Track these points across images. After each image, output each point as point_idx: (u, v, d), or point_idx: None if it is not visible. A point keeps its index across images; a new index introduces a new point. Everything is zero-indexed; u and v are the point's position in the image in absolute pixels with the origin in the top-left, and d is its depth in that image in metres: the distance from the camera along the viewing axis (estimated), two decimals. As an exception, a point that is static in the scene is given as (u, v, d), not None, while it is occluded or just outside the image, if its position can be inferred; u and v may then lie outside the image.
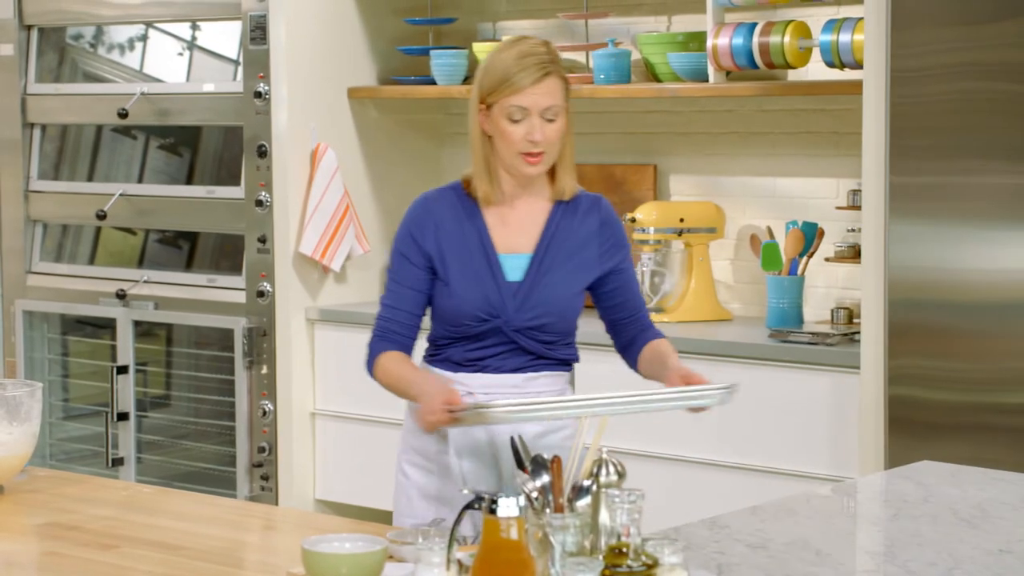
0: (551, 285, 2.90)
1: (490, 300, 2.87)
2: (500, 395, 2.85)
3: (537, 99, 2.80)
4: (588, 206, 2.95)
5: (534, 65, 2.81)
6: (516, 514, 1.93)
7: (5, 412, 2.82)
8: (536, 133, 2.81)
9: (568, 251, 2.92)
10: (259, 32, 4.78)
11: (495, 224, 2.91)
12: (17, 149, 5.40)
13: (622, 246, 2.97)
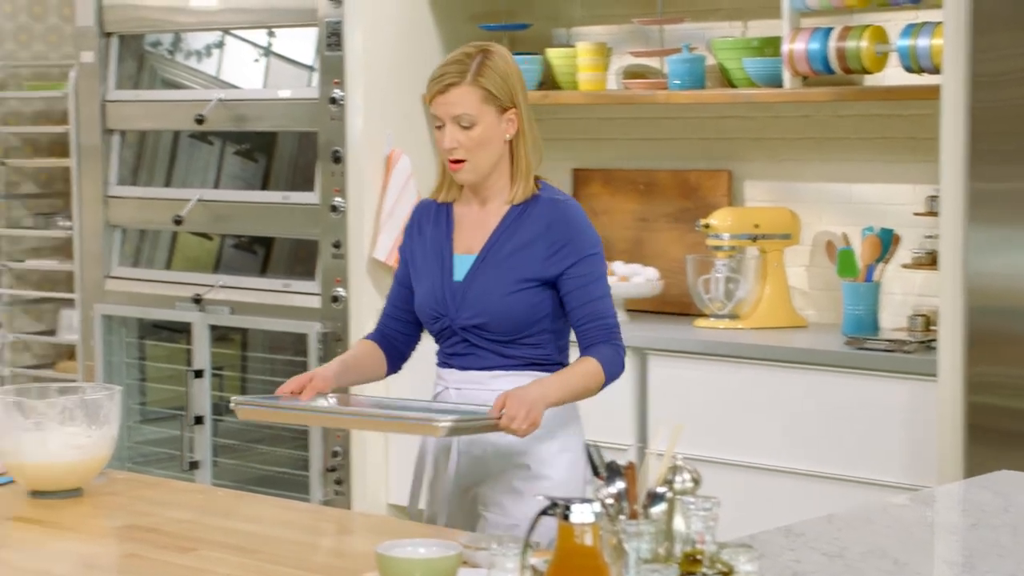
0: (485, 285, 2.95)
1: (437, 299, 2.99)
2: (469, 391, 2.97)
3: (446, 108, 2.92)
4: (544, 208, 2.97)
5: (437, 78, 2.94)
6: (591, 520, 1.93)
7: (84, 415, 2.86)
8: (446, 140, 2.92)
9: (508, 251, 2.95)
10: (335, 38, 4.82)
11: (460, 226, 3.03)
12: (97, 155, 5.47)
13: (574, 252, 2.93)
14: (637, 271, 4.73)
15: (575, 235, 2.95)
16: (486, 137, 2.93)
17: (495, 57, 2.95)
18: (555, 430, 2.99)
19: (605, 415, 4.40)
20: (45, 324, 6.18)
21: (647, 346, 4.36)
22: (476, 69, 2.92)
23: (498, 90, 2.92)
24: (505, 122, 2.95)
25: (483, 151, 2.93)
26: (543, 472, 2.97)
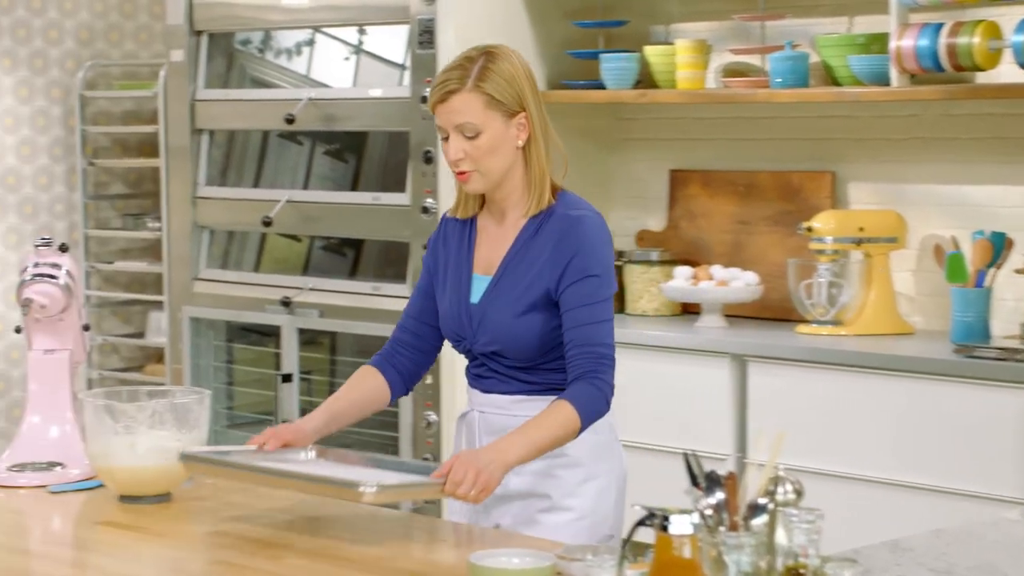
0: (499, 309, 2.86)
1: (457, 322, 2.91)
2: (492, 415, 2.90)
3: (448, 117, 2.82)
4: (556, 223, 2.85)
5: (438, 85, 2.83)
6: (689, 532, 1.93)
7: (174, 419, 2.89)
8: (450, 151, 2.82)
9: (521, 272, 2.86)
10: (427, 36, 4.84)
11: (481, 242, 2.93)
12: (186, 155, 5.54)
13: (576, 270, 2.81)
14: (736, 275, 4.70)
15: (581, 252, 2.82)
16: (493, 145, 2.81)
17: (499, 59, 2.83)
18: (581, 458, 2.89)
19: (703, 424, 4.39)
20: (133, 326, 6.27)
21: (746, 353, 4.34)
22: (477, 73, 2.80)
23: (503, 94, 2.81)
24: (515, 128, 2.83)
25: (491, 159, 2.81)
26: (564, 503, 2.88)
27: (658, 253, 4.92)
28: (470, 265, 2.93)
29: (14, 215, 5.95)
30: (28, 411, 3.15)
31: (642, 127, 5.19)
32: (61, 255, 3.15)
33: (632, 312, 4.92)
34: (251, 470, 2.61)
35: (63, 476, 3.06)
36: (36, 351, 3.16)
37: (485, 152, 2.81)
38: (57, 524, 2.90)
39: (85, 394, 2.91)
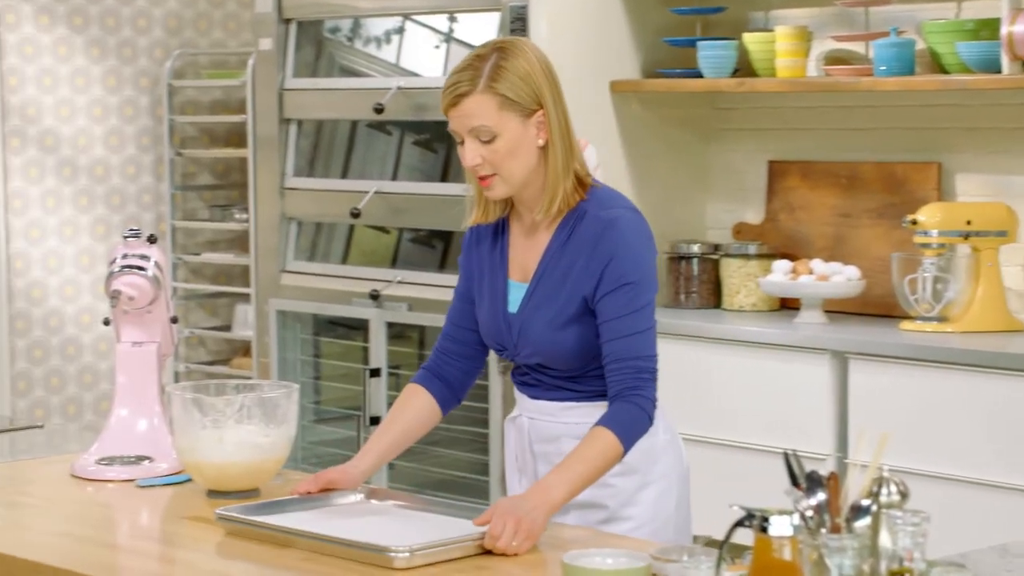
0: (539, 320, 2.80)
1: (501, 332, 2.86)
2: (541, 421, 2.88)
3: (461, 121, 2.72)
4: (591, 226, 2.77)
5: (449, 87, 2.73)
6: (790, 533, 1.92)
7: (262, 414, 2.91)
8: (467, 156, 2.73)
9: (558, 280, 2.79)
10: (519, 24, 4.85)
11: (516, 246, 2.87)
12: (274, 145, 5.59)
13: (612, 277, 2.74)
14: (837, 270, 4.67)
15: (616, 257, 2.75)
16: (511, 148, 2.71)
17: (512, 56, 2.72)
18: (636, 464, 2.85)
19: (802, 422, 4.36)
20: (220, 319, 6.34)
21: (847, 350, 4.31)
22: (490, 73, 2.69)
23: (518, 94, 2.70)
24: (533, 127, 2.73)
25: (511, 162, 2.72)
26: (622, 514, 2.86)
27: (756, 246, 4.90)
28: (505, 271, 2.86)
29: (102, 206, 6.04)
30: (116, 404, 3.19)
31: (740, 117, 5.16)
32: (150, 246, 3.19)
33: (728, 307, 4.90)
34: (285, 532, 2.62)
35: (151, 470, 3.10)
36: (124, 343, 3.20)
37: (504, 156, 2.72)
38: (145, 518, 2.94)
39: (173, 387, 2.94)
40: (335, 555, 2.52)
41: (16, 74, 5.81)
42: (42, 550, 2.63)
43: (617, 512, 2.86)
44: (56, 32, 5.90)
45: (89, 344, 6.02)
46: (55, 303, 5.94)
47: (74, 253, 5.98)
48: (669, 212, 5.14)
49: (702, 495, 4.54)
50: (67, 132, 5.94)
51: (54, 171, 5.92)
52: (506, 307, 2.85)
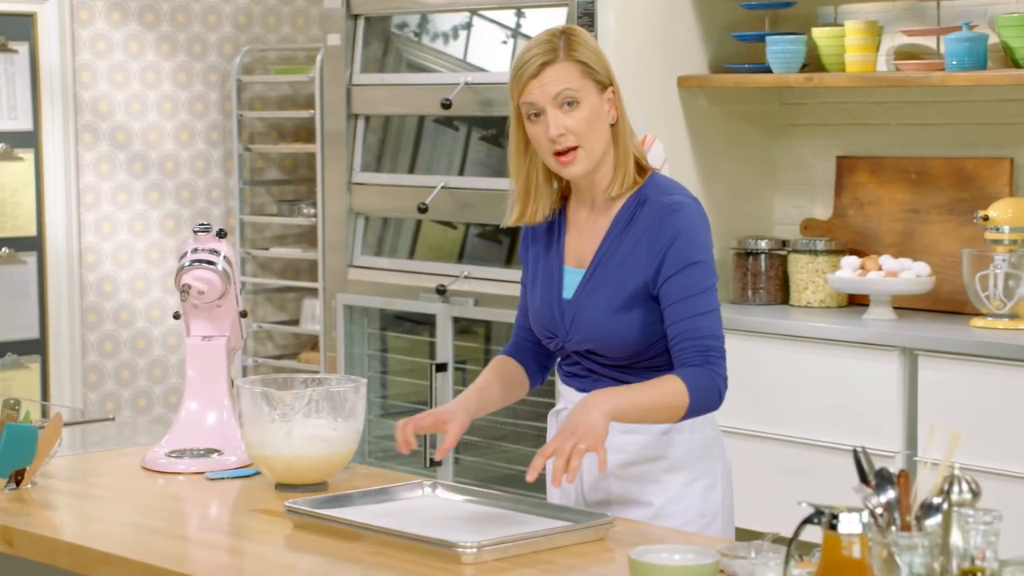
0: (594, 305, 2.80)
1: (549, 318, 2.86)
2: None
3: (543, 90, 2.73)
4: (652, 211, 2.77)
5: (527, 62, 2.74)
6: (859, 531, 1.90)
7: (330, 408, 2.92)
8: (551, 127, 2.72)
9: (616, 264, 2.78)
10: (587, 19, 4.84)
11: (571, 232, 2.87)
12: (341, 140, 5.61)
13: (675, 260, 2.73)
14: (906, 266, 4.63)
15: (679, 240, 2.74)
16: (594, 117, 2.74)
17: (580, 34, 2.78)
18: (681, 460, 2.85)
19: (871, 420, 4.33)
20: (288, 314, 6.37)
21: (917, 347, 4.27)
22: (567, 45, 2.74)
23: (596, 64, 2.75)
24: (606, 102, 2.77)
25: (592, 134, 2.74)
26: (669, 510, 2.84)
27: (824, 242, 4.87)
28: (560, 257, 2.87)
29: (172, 201, 6.09)
30: (186, 397, 3.22)
31: (809, 112, 5.13)
32: (219, 241, 3.21)
33: (796, 303, 4.87)
34: (353, 526, 2.63)
35: (221, 463, 3.12)
36: (194, 337, 3.22)
37: (588, 124, 2.73)
38: (214, 511, 2.96)
39: (242, 381, 2.96)
40: (403, 549, 2.53)
41: (89, 70, 5.86)
42: (112, 541, 2.66)
43: (663, 508, 2.85)
44: (128, 28, 5.95)
45: (159, 338, 6.07)
46: (126, 297, 5.99)
47: (144, 247, 6.03)
48: (736, 208, 5.12)
49: (770, 492, 4.53)
50: (138, 127, 5.99)
51: (125, 166, 5.97)
52: (560, 293, 2.85)
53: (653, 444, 2.85)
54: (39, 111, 5.75)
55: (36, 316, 5.79)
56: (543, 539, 2.54)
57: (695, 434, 2.85)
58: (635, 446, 2.85)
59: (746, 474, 4.59)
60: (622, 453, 2.84)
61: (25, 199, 5.75)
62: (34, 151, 5.76)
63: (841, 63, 4.73)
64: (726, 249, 5.03)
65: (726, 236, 5.06)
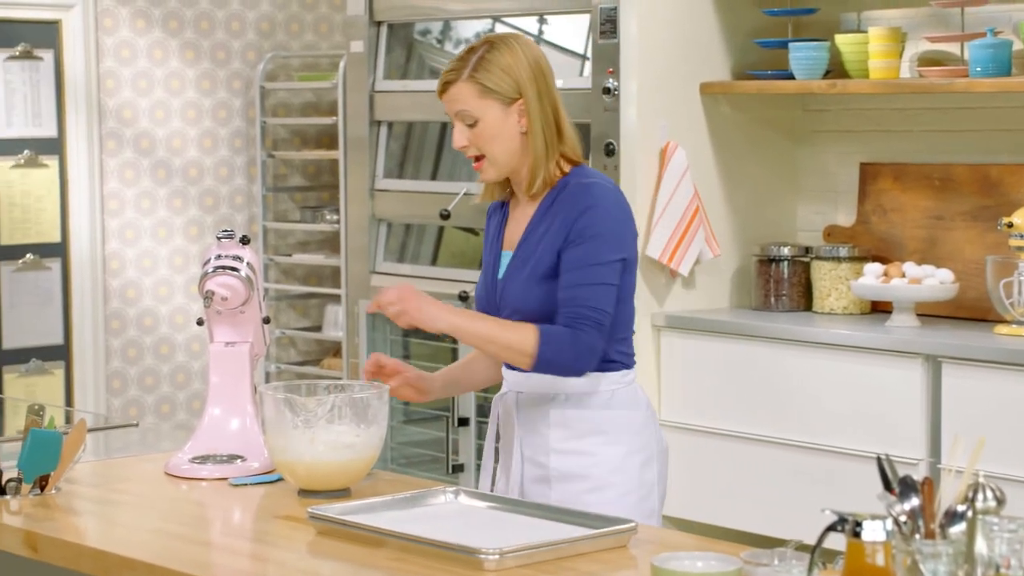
0: (517, 280, 3.03)
1: (490, 298, 3.09)
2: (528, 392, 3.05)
3: (449, 106, 3.04)
4: (569, 192, 3.00)
5: (442, 74, 3.05)
6: (883, 539, 1.90)
7: (353, 414, 2.93)
8: (455, 139, 3.03)
9: (535, 242, 3.02)
10: (609, 25, 4.84)
11: (510, 221, 3.12)
12: (364, 147, 5.62)
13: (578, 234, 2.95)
14: (930, 273, 4.62)
15: (585, 214, 2.96)
16: (492, 132, 3.00)
17: (498, 50, 3.01)
18: (618, 434, 3.04)
19: (894, 427, 4.32)
20: (311, 320, 6.38)
21: (940, 353, 4.26)
22: (473, 64, 3.00)
23: (497, 83, 2.99)
24: (515, 114, 3.00)
25: (495, 145, 3.00)
26: (609, 480, 3.01)
27: (847, 249, 4.86)
28: (500, 243, 3.11)
29: (195, 207, 6.10)
30: (209, 403, 3.22)
31: (832, 118, 5.12)
32: (243, 247, 3.21)
33: (819, 310, 4.86)
34: (376, 532, 2.63)
35: (244, 469, 3.13)
36: (217, 343, 3.23)
37: (486, 139, 3.00)
38: (237, 517, 2.97)
39: (265, 387, 2.97)
40: (425, 556, 2.53)
41: (113, 77, 5.89)
42: (136, 546, 2.66)
43: (603, 479, 3.01)
44: (152, 35, 5.97)
45: (182, 344, 6.09)
46: (149, 303, 6.01)
47: (168, 254, 6.05)
48: (759, 214, 5.11)
49: (793, 498, 4.52)
50: (162, 134, 6.01)
51: (149, 173, 5.99)
52: (496, 274, 3.10)
53: (590, 418, 3.03)
54: (64, 118, 5.77)
55: (60, 322, 5.81)
56: (566, 546, 2.54)
57: (631, 411, 3.06)
58: (573, 421, 3.03)
59: (769, 481, 4.59)
60: (561, 428, 3.03)
61: (49, 205, 5.77)
62: (58, 158, 5.78)
63: (864, 69, 4.72)
64: (749, 256, 5.02)
65: (748, 243, 5.05)
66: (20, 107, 5.71)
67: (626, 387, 3.07)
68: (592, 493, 2.99)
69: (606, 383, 3.04)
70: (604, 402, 3.04)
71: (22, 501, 2.94)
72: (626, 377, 3.07)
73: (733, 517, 4.65)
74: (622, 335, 3.05)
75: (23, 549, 2.76)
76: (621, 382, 3.06)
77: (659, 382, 4.86)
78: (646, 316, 4.85)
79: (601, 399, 3.04)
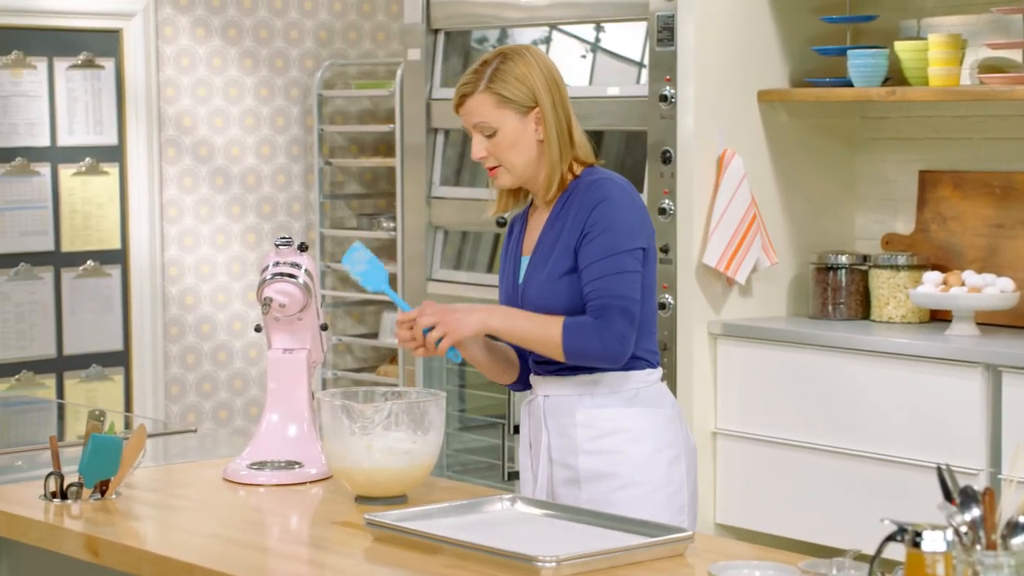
0: (536, 281, 3.09)
1: (511, 303, 3.13)
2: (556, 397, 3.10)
3: (466, 118, 3.09)
4: (581, 191, 3.06)
5: (456, 89, 3.10)
6: (943, 549, 1.89)
7: (410, 421, 2.94)
8: (473, 150, 3.08)
9: (551, 241, 3.08)
10: (666, 33, 4.84)
11: (529, 227, 3.18)
12: (421, 155, 5.64)
13: (595, 228, 3.01)
14: (990, 281, 4.58)
15: (598, 207, 3.02)
16: (510, 141, 3.05)
17: (512, 60, 3.06)
18: (646, 432, 3.07)
19: (954, 437, 4.29)
20: (367, 327, 6.40)
21: (1001, 363, 4.22)
22: (489, 76, 3.05)
23: (514, 93, 3.04)
24: (531, 123, 3.06)
25: (512, 154, 3.06)
26: (636, 478, 3.05)
27: (906, 257, 4.83)
28: (519, 248, 3.18)
29: (253, 214, 6.14)
30: (267, 410, 3.24)
31: (891, 126, 5.09)
32: (300, 254, 3.23)
33: (878, 319, 4.83)
34: (432, 539, 2.64)
35: (302, 475, 3.14)
36: (275, 350, 3.25)
37: (505, 148, 3.05)
38: (294, 523, 2.98)
39: (322, 394, 2.98)
40: (482, 563, 2.53)
41: (172, 85, 5.93)
42: (195, 551, 2.68)
43: (631, 477, 3.06)
44: (211, 44, 6.01)
45: (240, 350, 6.12)
46: (207, 310, 6.05)
47: (226, 261, 6.09)
48: (817, 223, 5.09)
49: (852, 508, 4.49)
50: (220, 142, 6.05)
51: (207, 180, 6.04)
52: (516, 279, 3.15)
53: (616, 417, 3.07)
54: (124, 126, 5.82)
55: (120, 328, 5.86)
56: (622, 554, 2.54)
57: (656, 409, 3.09)
58: (599, 420, 3.08)
59: (827, 490, 4.56)
60: (588, 428, 3.07)
61: (110, 213, 5.83)
62: (119, 165, 5.83)
63: (924, 77, 4.69)
64: (806, 264, 5.00)
65: (806, 251, 5.03)
66: (82, 115, 5.77)
67: (651, 386, 3.11)
68: (620, 491, 3.04)
69: (631, 382, 3.08)
70: (629, 400, 3.08)
71: (83, 506, 2.96)
72: (651, 376, 3.11)
73: (790, 526, 4.62)
74: (646, 331, 3.09)
75: (84, 553, 2.79)
76: (646, 380, 3.10)
77: (715, 391, 4.85)
78: (702, 324, 4.84)
79: (626, 397, 3.08)
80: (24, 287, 5.69)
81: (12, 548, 3.09)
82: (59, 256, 5.75)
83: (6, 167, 5.63)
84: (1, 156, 5.63)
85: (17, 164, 5.65)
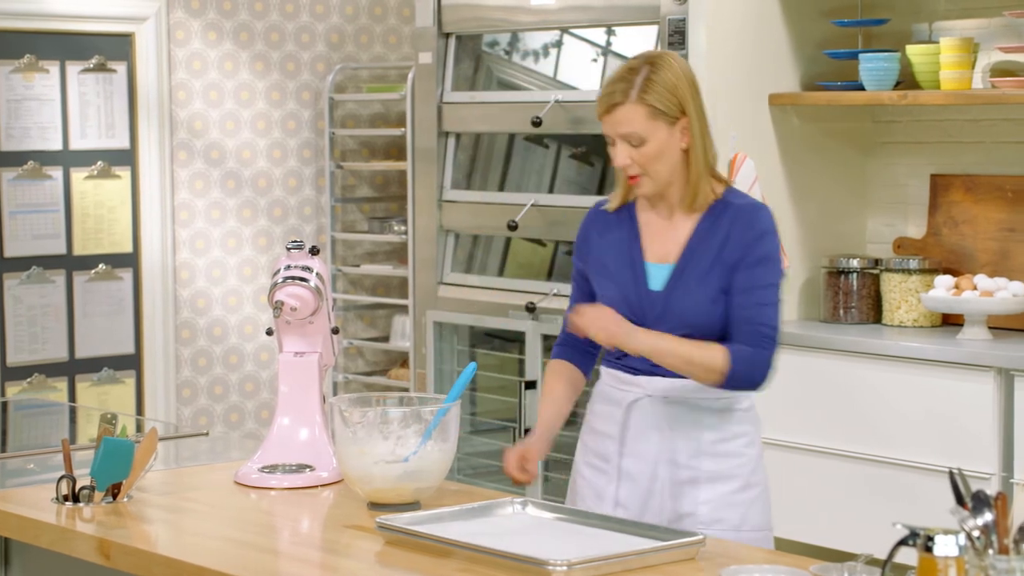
0: (690, 295, 3.04)
1: (632, 307, 3.07)
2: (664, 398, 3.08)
3: (614, 127, 3.03)
4: (733, 214, 3.05)
5: (604, 96, 3.04)
6: (956, 554, 1.89)
7: (423, 426, 2.93)
8: (618, 158, 3.03)
9: (708, 261, 3.04)
10: (677, 36, 4.83)
11: (648, 233, 3.12)
12: (432, 158, 5.64)
13: (749, 257, 3.01)
14: (1002, 285, 4.58)
15: (753, 239, 3.02)
16: (658, 152, 3.02)
17: (661, 69, 3.02)
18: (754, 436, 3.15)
19: (965, 441, 4.28)
20: (378, 330, 6.41)
21: (1012, 367, 4.22)
22: (641, 85, 3.00)
23: (665, 104, 3.01)
24: (678, 132, 3.03)
25: (658, 164, 3.03)
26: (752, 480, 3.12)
27: (917, 261, 4.82)
28: (640, 253, 3.10)
29: (264, 218, 6.15)
30: (278, 413, 3.24)
31: (903, 130, 5.09)
32: (312, 258, 3.23)
33: (889, 322, 4.82)
34: (444, 543, 2.64)
35: (313, 478, 3.14)
36: (286, 353, 3.25)
37: (651, 158, 3.02)
38: (306, 526, 2.99)
39: (335, 399, 2.98)
40: (493, 566, 2.53)
41: (184, 88, 5.94)
42: (206, 555, 2.68)
43: (748, 479, 3.12)
44: (223, 47, 6.02)
45: (251, 353, 6.13)
46: (219, 313, 6.06)
47: (237, 264, 6.10)
48: (828, 226, 5.08)
49: (863, 512, 4.49)
50: (232, 145, 6.06)
51: (219, 183, 6.04)
52: (646, 285, 3.08)
53: (739, 420, 3.12)
54: (136, 129, 5.83)
55: (132, 331, 5.86)
56: (634, 558, 2.53)
57: (753, 413, 3.16)
58: (725, 423, 3.10)
59: (838, 494, 4.56)
60: (714, 431, 3.09)
61: (122, 216, 5.83)
62: (131, 169, 5.84)
63: (936, 80, 4.69)
64: (817, 268, 5.00)
65: (817, 255, 5.02)
66: (94, 119, 5.78)
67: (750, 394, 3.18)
68: (741, 492, 3.10)
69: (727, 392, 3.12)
70: (749, 406, 3.14)
71: (95, 509, 2.97)
72: None
73: (802, 530, 4.62)
74: None
75: (96, 556, 2.79)
76: None
77: (727, 394, 4.84)
78: (714, 328, 4.82)
79: (747, 403, 3.14)
80: (36, 290, 5.70)
81: (24, 551, 3.09)
82: (71, 259, 5.76)
83: (18, 171, 5.65)
84: (14, 160, 5.64)
85: (29, 168, 5.67)
